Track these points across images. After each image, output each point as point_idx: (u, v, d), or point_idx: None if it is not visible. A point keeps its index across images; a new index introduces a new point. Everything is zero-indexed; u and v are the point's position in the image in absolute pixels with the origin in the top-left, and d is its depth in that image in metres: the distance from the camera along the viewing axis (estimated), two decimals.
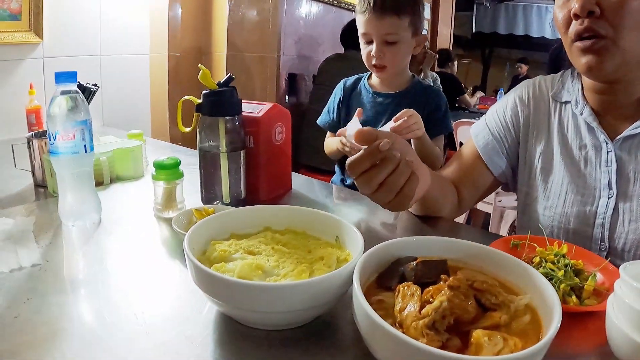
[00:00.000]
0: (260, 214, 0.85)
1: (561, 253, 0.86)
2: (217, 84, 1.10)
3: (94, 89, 1.59)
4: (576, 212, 1.09)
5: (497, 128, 1.23)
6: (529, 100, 1.22)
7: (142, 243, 1.00)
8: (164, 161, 1.08)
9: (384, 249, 0.70)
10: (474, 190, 1.25)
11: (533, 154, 1.18)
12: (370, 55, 1.64)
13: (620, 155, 1.05)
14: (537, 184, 1.17)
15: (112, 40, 2.57)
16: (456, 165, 1.27)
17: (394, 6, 1.59)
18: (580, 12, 0.95)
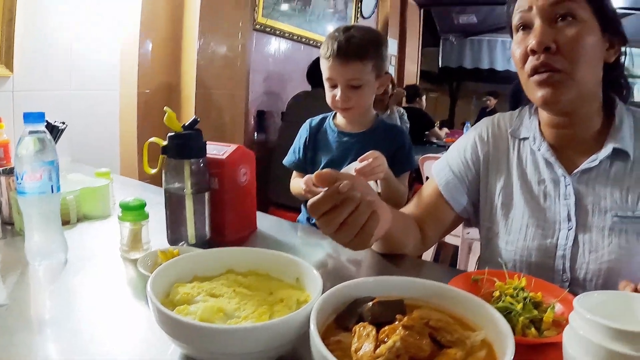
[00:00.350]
0: (223, 257, 0.86)
1: (520, 286, 0.89)
2: (183, 126, 1.12)
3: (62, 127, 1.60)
4: (537, 245, 1.13)
5: (457, 166, 1.27)
6: (488, 138, 1.26)
7: (108, 284, 1.00)
8: (130, 202, 1.09)
9: (342, 290, 0.72)
10: (437, 227, 1.28)
11: (493, 190, 1.22)
12: (335, 100, 1.68)
13: (578, 188, 1.10)
14: (498, 219, 1.20)
15: (82, 75, 2.57)
16: (419, 203, 1.30)
17: (357, 52, 1.63)
18: (537, 48, 1.01)
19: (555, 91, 1.03)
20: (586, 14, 1.02)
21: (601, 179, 1.09)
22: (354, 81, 1.65)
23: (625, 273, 1.02)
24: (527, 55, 1.05)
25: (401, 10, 6.91)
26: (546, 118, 1.16)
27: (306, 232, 1.42)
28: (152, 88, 2.85)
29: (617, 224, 1.05)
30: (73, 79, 2.54)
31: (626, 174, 1.08)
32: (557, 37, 1.01)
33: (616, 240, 1.05)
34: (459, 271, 1.09)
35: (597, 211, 1.08)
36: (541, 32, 1.01)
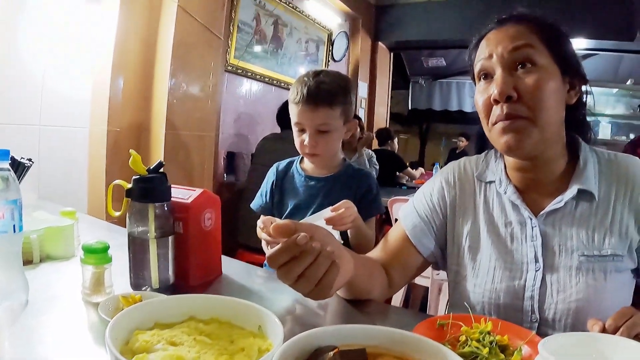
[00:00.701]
0: (185, 303, 0.85)
1: (486, 330, 0.89)
2: (147, 169, 1.12)
3: (28, 165, 1.58)
4: (505, 287, 1.14)
5: (424, 210, 1.28)
6: (454, 181, 1.28)
7: (69, 327, 0.98)
8: (93, 245, 1.08)
9: (303, 340, 0.71)
10: (404, 272, 1.28)
11: (460, 233, 1.23)
12: (304, 145, 1.70)
13: (545, 229, 1.12)
14: (465, 262, 1.21)
15: (52, 111, 2.57)
16: (385, 247, 1.31)
17: (326, 98, 1.65)
18: (499, 98, 1.04)
19: (519, 137, 1.05)
20: (545, 60, 1.06)
21: (567, 220, 1.11)
22: (323, 126, 1.67)
23: (594, 312, 1.03)
24: (490, 104, 1.08)
25: (372, 54, 7.05)
26: (511, 162, 1.19)
27: (272, 278, 1.41)
28: (122, 127, 2.84)
29: (584, 264, 1.07)
30: (43, 114, 2.53)
31: (591, 214, 1.10)
32: (517, 85, 1.04)
33: (583, 280, 1.07)
34: (426, 316, 1.10)
35: (564, 251, 1.10)
36: (502, 81, 1.05)
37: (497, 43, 1.09)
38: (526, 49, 1.06)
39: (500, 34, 1.10)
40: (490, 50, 1.09)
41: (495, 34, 1.12)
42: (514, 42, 1.07)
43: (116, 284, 1.13)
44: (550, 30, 1.10)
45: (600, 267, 1.07)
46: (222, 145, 3.99)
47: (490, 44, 1.10)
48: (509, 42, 1.07)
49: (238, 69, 4.20)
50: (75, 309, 1.07)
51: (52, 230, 1.37)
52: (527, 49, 1.06)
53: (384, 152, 5.41)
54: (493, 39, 1.11)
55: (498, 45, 1.08)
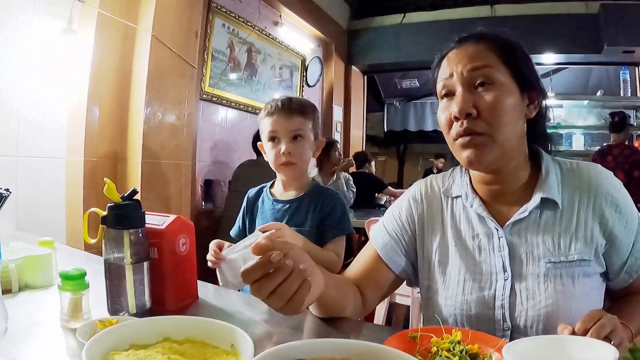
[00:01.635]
0: (160, 325, 0.87)
1: (455, 340, 0.92)
2: (121, 197, 1.14)
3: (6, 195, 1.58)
4: (476, 297, 1.16)
5: (394, 229, 1.31)
6: (421, 199, 1.31)
7: (48, 353, 1.00)
8: (70, 272, 1.10)
9: (274, 354, 0.74)
10: (377, 290, 1.31)
11: (430, 249, 1.26)
12: (279, 154, 1.75)
13: (511, 239, 1.15)
14: (436, 277, 1.24)
15: (29, 141, 2.58)
16: (358, 267, 1.33)
17: (299, 109, 1.77)
18: (459, 115, 1.09)
19: (478, 152, 1.10)
20: (503, 77, 1.11)
21: (532, 229, 1.15)
22: (298, 131, 1.75)
23: (564, 316, 1.06)
24: (452, 121, 1.13)
25: (345, 78, 7.13)
26: (476, 175, 1.23)
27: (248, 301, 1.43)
28: (99, 156, 2.85)
29: (551, 270, 1.11)
30: (20, 144, 2.53)
31: (556, 222, 1.14)
32: (477, 102, 1.09)
33: (552, 286, 1.10)
34: (400, 330, 1.12)
35: (531, 259, 1.13)
36: (462, 99, 1.10)
37: (457, 62, 1.13)
38: (485, 68, 1.10)
39: (460, 53, 1.15)
40: (450, 69, 1.14)
41: (455, 53, 1.16)
42: (473, 62, 1.11)
43: (94, 311, 1.14)
44: (508, 49, 1.14)
45: (567, 273, 1.10)
46: (199, 173, 4.01)
47: (451, 63, 1.15)
48: (468, 61, 1.12)
49: (213, 96, 4.24)
50: (54, 336, 1.08)
51: (31, 259, 1.38)
52: (486, 68, 1.10)
53: (362, 174, 5.47)
54: (453, 59, 1.15)
55: (458, 64, 1.13)
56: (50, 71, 2.71)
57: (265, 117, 1.79)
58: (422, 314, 1.36)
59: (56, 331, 1.10)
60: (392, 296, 3.52)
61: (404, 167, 11.22)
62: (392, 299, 3.54)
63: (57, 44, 2.74)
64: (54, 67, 2.72)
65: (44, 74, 2.68)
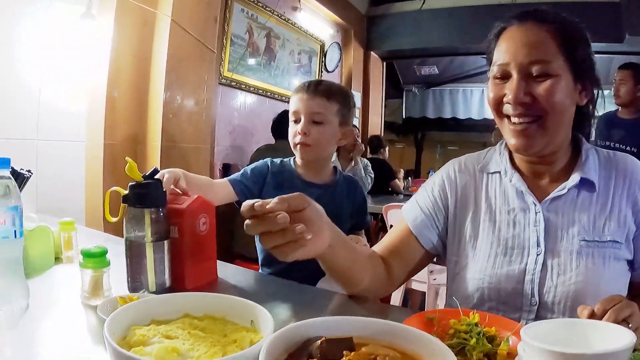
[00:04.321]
0: (180, 301, 0.89)
1: (473, 322, 0.91)
2: (143, 176, 1.15)
3: (27, 176, 1.60)
4: (506, 272, 1.18)
5: (426, 204, 1.33)
6: (455, 175, 1.33)
7: (69, 329, 1.01)
8: (91, 250, 1.11)
9: (292, 330, 0.75)
10: (405, 264, 1.32)
11: (462, 225, 1.28)
12: (296, 133, 1.74)
13: (548, 215, 1.17)
14: (466, 252, 1.26)
15: (49, 125, 2.59)
16: (388, 240, 1.35)
17: (325, 91, 1.74)
18: (512, 102, 1.10)
19: (528, 141, 1.12)
20: (561, 69, 1.10)
21: (569, 207, 1.17)
22: (317, 116, 1.73)
23: (591, 296, 1.07)
24: (502, 101, 1.14)
25: (364, 64, 7.09)
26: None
27: (267, 281, 1.44)
28: (119, 140, 2.86)
29: (584, 248, 1.12)
30: (40, 129, 2.55)
31: (592, 203, 1.16)
32: (532, 90, 1.10)
33: (583, 263, 1.11)
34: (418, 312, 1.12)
35: (566, 236, 1.15)
36: (517, 87, 1.10)
37: (516, 50, 1.12)
38: (544, 63, 1.09)
39: (520, 36, 1.13)
40: (509, 57, 1.12)
41: (515, 34, 1.15)
42: (532, 55, 1.10)
43: (115, 289, 1.15)
44: (570, 37, 1.13)
45: (599, 253, 1.12)
46: (217, 157, 4.03)
47: (510, 47, 1.13)
48: (527, 52, 1.10)
49: (232, 81, 4.25)
50: (75, 312, 1.10)
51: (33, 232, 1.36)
52: (545, 63, 1.09)
53: (376, 160, 5.46)
54: (512, 43, 1.13)
55: (517, 53, 1.11)
56: (70, 56, 2.71)
57: (293, 95, 1.79)
58: (447, 291, 1.37)
59: (77, 308, 1.11)
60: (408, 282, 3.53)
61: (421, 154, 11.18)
62: (408, 285, 3.54)
63: (76, 28, 2.74)
64: (74, 52, 2.73)
65: (64, 59, 2.69)
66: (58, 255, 1.48)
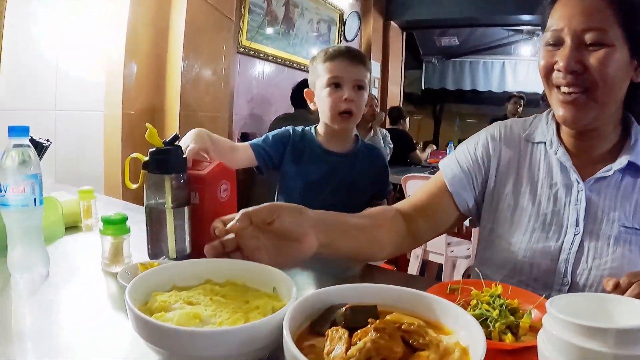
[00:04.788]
0: (201, 267, 0.88)
1: (496, 294, 0.90)
2: (163, 142, 1.14)
3: (46, 145, 1.61)
4: (542, 247, 1.15)
5: (466, 162, 1.29)
6: (500, 139, 1.28)
7: (89, 296, 1.01)
8: (111, 216, 1.11)
9: (315, 297, 0.74)
10: (435, 223, 1.29)
11: (501, 191, 1.24)
12: (341, 101, 1.69)
13: (590, 195, 1.13)
14: (503, 220, 1.22)
15: (67, 95, 2.60)
16: (419, 195, 1.31)
17: (362, 57, 1.73)
18: (564, 70, 1.05)
19: (577, 113, 1.07)
20: (616, 39, 1.04)
21: (612, 190, 1.13)
22: (361, 82, 1.70)
23: None
24: (552, 69, 1.09)
25: (384, 34, 6.99)
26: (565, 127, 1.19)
27: None
28: (136, 109, 2.86)
29: (623, 234, 1.09)
30: (58, 99, 2.55)
31: (635, 189, 1.12)
32: (584, 60, 1.04)
33: (620, 250, 1.09)
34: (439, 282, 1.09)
35: (606, 219, 1.11)
36: (570, 54, 1.05)
37: (571, 17, 1.06)
38: (599, 31, 1.04)
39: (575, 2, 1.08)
40: (563, 23, 1.07)
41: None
42: (588, 22, 1.04)
43: (134, 256, 1.16)
44: (630, 6, 1.06)
45: (637, 241, 1.09)
46: (236, 126, 4.01)
47: (564, 15, 1.08)
48: (582, 19, 1.05)
49: (250, 50, 4.21)
50: (95, 280, 1.10)
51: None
52: (600, 31, 1.04)
53: (396, 131, 5.40)
54: (567, 10, 1.08)
55: (572, 20, 1.06)
56: (87, 26, 2.70)
57: (326, 61, 1.72)
58: (478, 256, 1.33)
59: (97, 275, 1.12)
60: (425, 253, 3.52)
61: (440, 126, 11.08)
62: (425, 256, 3.54)
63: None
64: (91, 22, 2.72)
65: (81, 29, 2.67)
66: (77, 223, 1.49)
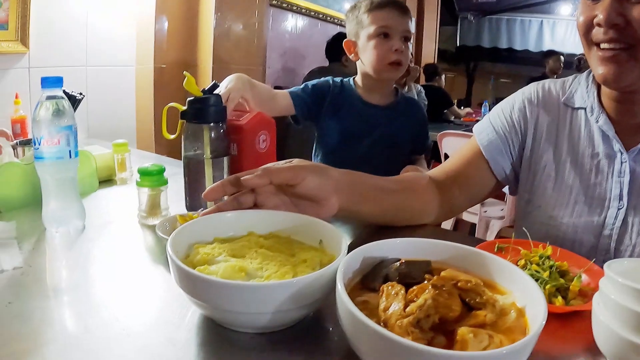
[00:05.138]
0: (244, 219, 0.84)
1: (546, 255, 0.86)
2: (202, 91, 1.10)
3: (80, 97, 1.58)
4: (583, 222, 1.07)
5: (502, 127, 1.20)
6: (538, 102, 1.19)
7: (126, 249, 0.99)
8: (149, 168, 1.08)
9: (367, 251, 0.70)
10: (470, 192, 1.22)
11: (539, 159, 1.16)
12: (390, 51, 1.64)
13: (634, 167, 1.04)
14: (541, 191, 1.15)
15: (98, 51, 2.58)
16: (453, 163, 1.24)
17: (407, 8, 1.70)
18: (604, 24, 0.94)
19: (618, 70, 0.96)
20: None
21: None
22: (408, 33, 1.66)
23: None
24: (592, 25, 0.99)
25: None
26: (607, 90, 1.08)
27: None
28: (168, 63, 2.85)
29: None
30: (89, 54, 2.53)
31: None
32: (626, 12, 0.94)
33: None
34: (481, 240, 1.04)
35: None
36: (610, 6, 0.94)
37: None
38: None
39: None
40: None
41: None
42: None
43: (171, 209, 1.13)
44: None
45: None
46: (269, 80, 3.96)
47: None
48: None
49: (283, 3, 4.13)
50: (131, 232, 1.07)
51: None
52: None
53: (431, 87, 5.30)
54: None
55: None
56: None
57: (372, 10, 1.66)
58: (515, 226, 1.26)
59: (134, 227, 1.09)
60: None
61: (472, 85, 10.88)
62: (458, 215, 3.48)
63: None
64: None
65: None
66: (111, 177, 1.47)
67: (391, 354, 0.51)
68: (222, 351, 0.64)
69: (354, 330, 0.56)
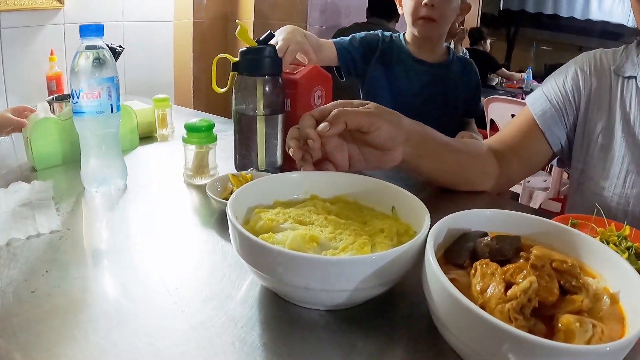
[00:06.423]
0: (307, 180, 0.76)
1: (623, 235, 0.79)
2: (257, 41, 1.01)
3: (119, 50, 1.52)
4: (637, 193, 1.02)
5: (556, 97, 1.14)
6: (590, 72, 1.13)
7: (172, 211, 0.92)
8: (197, 123, 0.99)
9: (453, 221, 0.62)
10: (526, 162, 1.17)
11: (592, 129, 1.11)
12: (420, 5, 1.52)
13: None
14: (594, 162, 1.10)
15: (135, 6, 2.51)
16: (507, 133, 1.19)
17: None
18: None
19: None
20: None
21: None
22: None
23: None
24: None
25: None
26: None
27: None
28: (208, 18, 2.78)
29: None
30: (126, 9, 2.47)
31: None
32: None
33: None
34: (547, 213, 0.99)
35: None
36: None
37: None
38: None
39: None
40: None
41: None
42: None
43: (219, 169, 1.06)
44: None
45: None
46: None
47: None
48: None
49: None
50: (177, 192, 1.00)
51: None
52: None
53: (476, 51, 5.17)
54: None
55: None
56: None
57: None
58: (569, 199, 1.22)
59: (179, 187, 1.02)
60: None
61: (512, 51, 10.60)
62: None
63: None
64: None
65: None
66: (152, 133, 1.39)
67: (494, 343, 0.45)
68: (290, 330, 0.57)
69: (450, 313, 0.50)
